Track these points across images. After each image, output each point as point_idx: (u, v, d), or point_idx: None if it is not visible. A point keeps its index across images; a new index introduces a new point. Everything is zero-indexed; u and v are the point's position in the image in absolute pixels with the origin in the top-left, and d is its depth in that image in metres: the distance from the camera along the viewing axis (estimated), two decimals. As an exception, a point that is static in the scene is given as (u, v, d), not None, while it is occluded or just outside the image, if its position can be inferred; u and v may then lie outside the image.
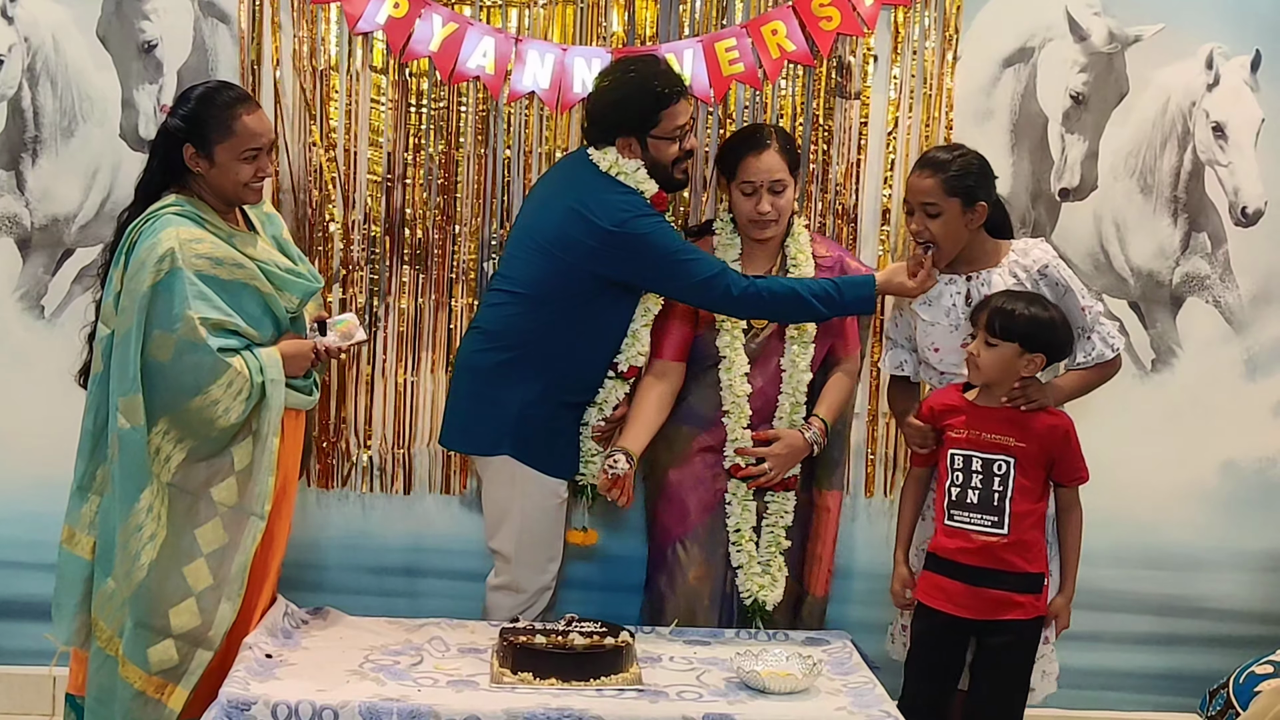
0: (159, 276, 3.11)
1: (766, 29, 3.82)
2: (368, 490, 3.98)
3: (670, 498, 3.63)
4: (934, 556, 3.35)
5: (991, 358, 3.26)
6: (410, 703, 2.93)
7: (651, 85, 3.45)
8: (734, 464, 3.56)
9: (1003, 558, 3.25)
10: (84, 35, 3.83)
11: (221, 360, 3.13)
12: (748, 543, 3.58)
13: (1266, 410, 4.11)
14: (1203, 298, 4.08)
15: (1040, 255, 3.43)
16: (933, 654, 3.36)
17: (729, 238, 3.62)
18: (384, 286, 3.90)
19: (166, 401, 3.15)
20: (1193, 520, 4.11)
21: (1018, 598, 3.26)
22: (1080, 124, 3.98)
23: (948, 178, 3.36)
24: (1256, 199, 4.02)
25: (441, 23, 3.78)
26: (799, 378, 3.57)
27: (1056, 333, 3.28)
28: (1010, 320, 3.24)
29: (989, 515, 3.26)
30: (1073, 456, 3.31)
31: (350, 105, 3.84)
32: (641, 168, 3.48)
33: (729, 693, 3.08)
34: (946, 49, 3.89)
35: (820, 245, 3.67)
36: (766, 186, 3.51)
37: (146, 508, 3.15)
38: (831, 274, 3.58)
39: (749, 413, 3.56)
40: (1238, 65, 3.97)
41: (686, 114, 3.50)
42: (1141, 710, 3.97)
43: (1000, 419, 3.29)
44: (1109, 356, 3.44)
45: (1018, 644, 3.30)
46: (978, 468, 3.28)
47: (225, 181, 3.25)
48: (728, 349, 3.56)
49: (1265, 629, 4.03)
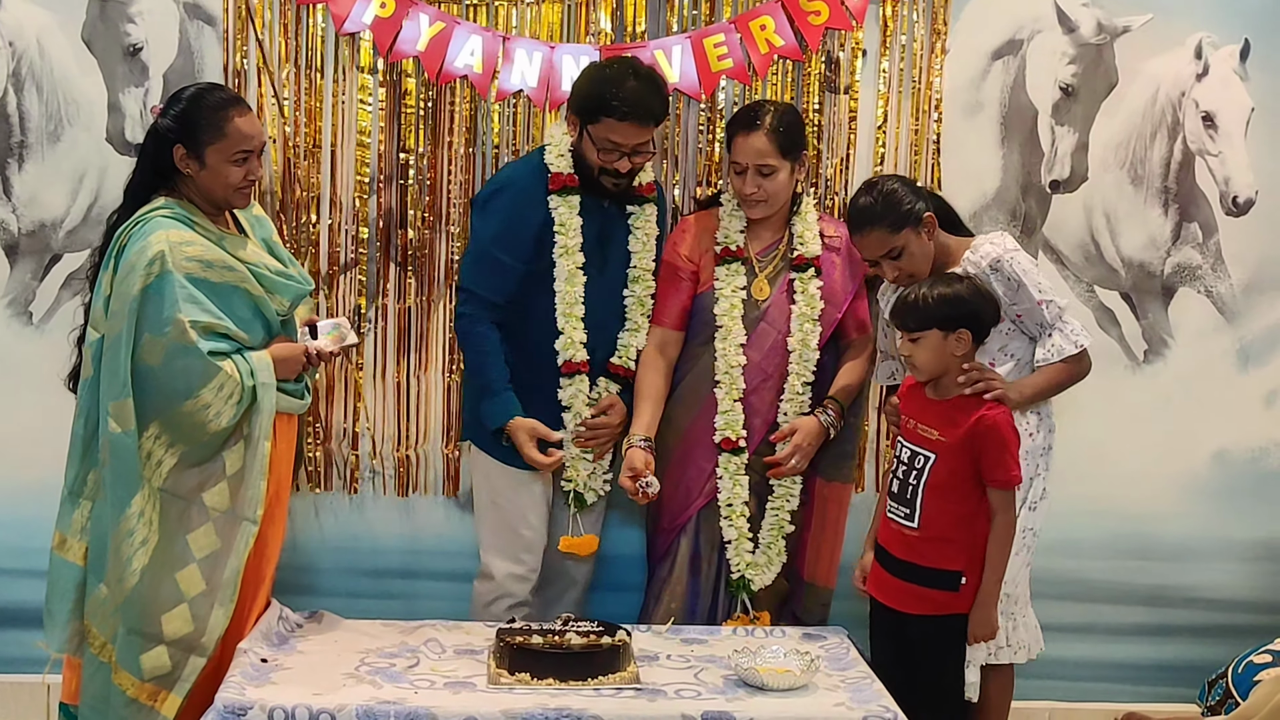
0: (149, 280, 3.10)
1: (755, 24, 3.81)
2: (361, 492, 3.97)
3: (674, 476, 3.61)
4: (877, 543, 3.39)
5: (921, 352, 3.21)
6: (407, 705, 2.92)
7: (607, 88, 3.43)
8: (724, 437, 3.54)
9: (917, 551, 3.24)
10: (69, 39, 3.80)
11: (212, 364, 3.12)
12: (739, 518, 3.57)
13: (1258, 400, 4.12)
14: (1194, 288, 4.08)
15: (990, 249, 3.35)
16: (878, 643, 3.39)
17: (733, 210, 3.61)
18: (372, 288, 3.88)
19: (157, 405, 3.13)
20: (1185, 511, 4.11)
21: (928, 592, 3.24)
22: (1070, 116, 3.98)
23: (888, 224, 3.30)
24: (1247, 188, 4.02)
25: (428, 22, 3.76)
26: (808, 357, 3.56)
27: (969, 304, 3.19)
28: (917, 309, 3.19)
29: (903, 507, 3.26)
30: (997, 455, 3.16)
31: (337, 106, 3.82)
32: (567, 145, 3.52)
33: (727, 690, 3.08)
34: (935, 42, 3.88)
35: (829, 225, 3.66)
36: (754, 168, 3.49)
37: (138, 513, 3.13)
38: (839, 254, 3.59)
39: (742, 386, 3.55)
40: (1227, 54, 3.97)
41: (629, 137, 3.44)
42: (1135, 701, 3.97)
43: (934, 412, 3.25)
44: (1069, 352, 3.34)
45: (932, 639, 3.26)
46: (905, 458, 3.28)
47: (215, 184, 3.23)
48: (725, 317, 3.55)
49: (1257, 618, 4.04)
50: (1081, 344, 3.36)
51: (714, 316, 3.56)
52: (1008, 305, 3.34)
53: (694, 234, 3.65)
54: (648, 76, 3.49)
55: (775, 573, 3.60)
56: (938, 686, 3.29)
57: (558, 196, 3.54)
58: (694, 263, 3.62)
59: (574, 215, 3.55)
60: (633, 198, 3.62)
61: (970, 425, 3.17)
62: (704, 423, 3.58)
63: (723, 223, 3.60)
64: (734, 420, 3.55)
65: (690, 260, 3.62)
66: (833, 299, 3.60)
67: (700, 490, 3.59)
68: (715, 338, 3.56)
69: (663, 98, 3.51)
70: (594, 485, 3.67)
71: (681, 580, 3.62)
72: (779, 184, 3.53)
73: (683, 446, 3.61)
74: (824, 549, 3.66)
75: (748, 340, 3.56)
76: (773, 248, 3.61)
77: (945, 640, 3.27)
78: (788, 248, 3.61)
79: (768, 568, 3.60)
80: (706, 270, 3.60)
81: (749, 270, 3.59)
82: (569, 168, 3.54)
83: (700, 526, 3.61)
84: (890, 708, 3.01)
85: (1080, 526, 3.89)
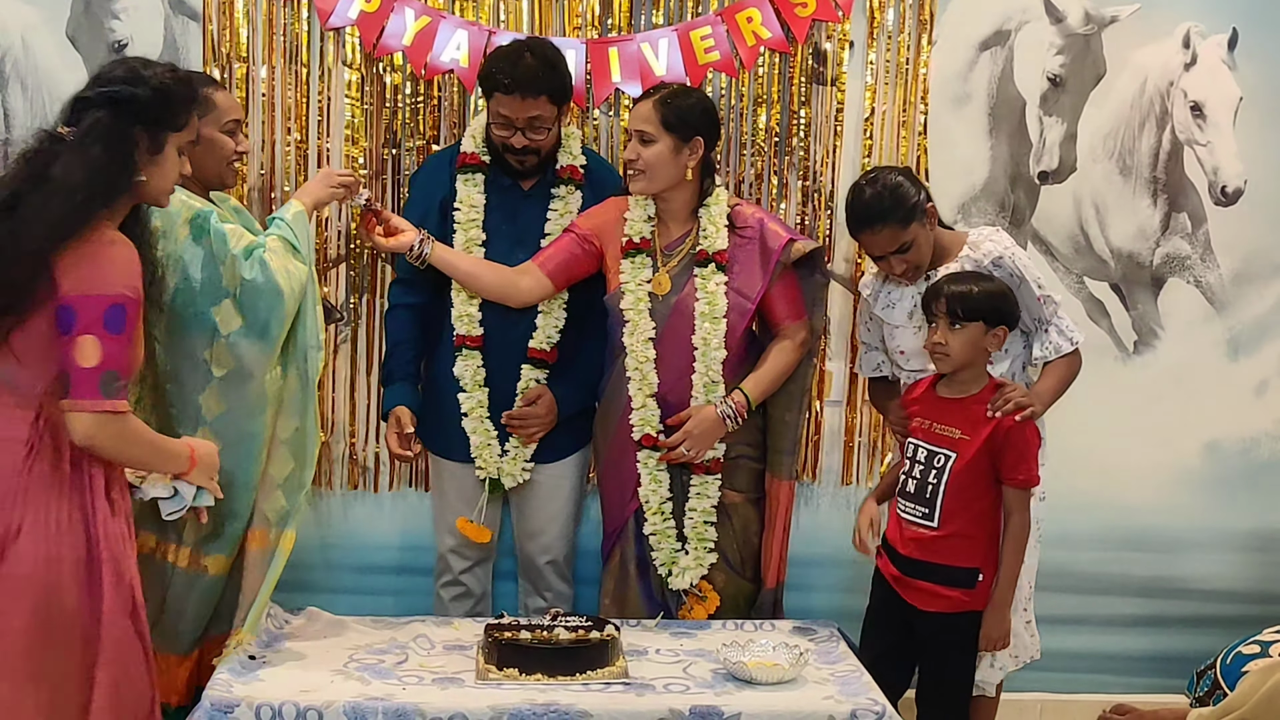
0: (191, 222, 3.11)
1: (741, 16, 3.80)
2: (350, 489, 3.96)
3: (610, 478, 3.61)
4: (885, 539, 3.38)
5: (960, 341, 3.21)
6: (395, 701, 2.91)
7: (497, 64, 3.44)
8: (644, 434, 3.50)
9: (934, 550, 3.23)
10: (53, 36, 3.79)
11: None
12: (655, 514, 3.51)
13: (1249, 390, 4.12)
14: (1184, 278, 4.08)
15: (992, 247, 3.37)
16: (882, 631, 3.38)
17: (640, 199, 3.52)
18: (362, 283, 3.88)
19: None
20: (1176, 501, 4.12)
21: (944, 590, 3.23)
22: (1058, 106, 3.97)
23: (896, 221, 3.29)
24: (1236, 178, 4.02)
25: (414, 16, 3.75)
26: (712, 355, 3.45)
27: (1009, 300, 3.25)
28: (970, 300, 3.19)
29: (921, 507, 3.25)
30: (1016, 453, 3.18)
31: (324, 102, 3.81)
32: (480, 124, 3.58)
33: (716, 684, 3.07)
34: (922, 33, 3.87)
35: (746, 210, 3.53)
36: (635, 134, 3.44)
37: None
38: (752, 244, 3.48)
39: (654, 381, 3.49)
40: (1215, 44, 3.97)
41: (517, 110, 3.42)
42: (1128, 692, 3.97)
43: (954, 411, 3.25)
44: (1066, 350, 3.37)
45: (946, 636, 3.26)
46: (922, 458, 3.26)
47: (209, 157, 3.25)
48: (630, 310, 3.49)
49: (1249, 609, 4.05)
50: (1077, 340, 3.38)
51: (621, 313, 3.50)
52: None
53: (609, 214, 3.56)
54: (542, 53, 3.46)
55: (699, 572, 3.52)
56: (943, 683, 3.30)
57: (461, 174, 3.58)
58: (597, 239, 3.53)
59: (474, 193, 3.57)
60: (558, 180, 3.61)
61: (995, 424, 3.18)
62: (630, 424, 3.53)
63: (630, 211, 3.53)
64: (649, 416, 3.49)
65: (594, 233, 3.53)
66: (745, 290, 3.47)
67: (633, 491, 3.54)
68: (624, 333, 3.50)
69: (558, 73, 3.47)
70: (512, 471, 3.63)
71: (633, 584, 3.58)
72: (656, 156, 3.41)
73: (614, 449, 3.57)
74: (772, 547, 3.56)
75: (659, 335, 3.49)
76: (680, 241, 3.52)
77: (956, 637, 3.26)
78: (694, 241, 3.51)
79: (695, 566, 3.52)
80: (614, 262, 3.53)
81: (654, 264, 3.53)
82: (475, 147, 3.58)
83: (640, 527, 3.56)
84: (879, 701, 3.00)
85: (1071, 518, 3.88)
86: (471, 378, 3.59)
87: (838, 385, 3.96)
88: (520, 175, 3.57)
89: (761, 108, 3.87)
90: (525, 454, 3.63)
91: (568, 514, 3.75)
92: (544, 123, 3.48)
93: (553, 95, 3.46)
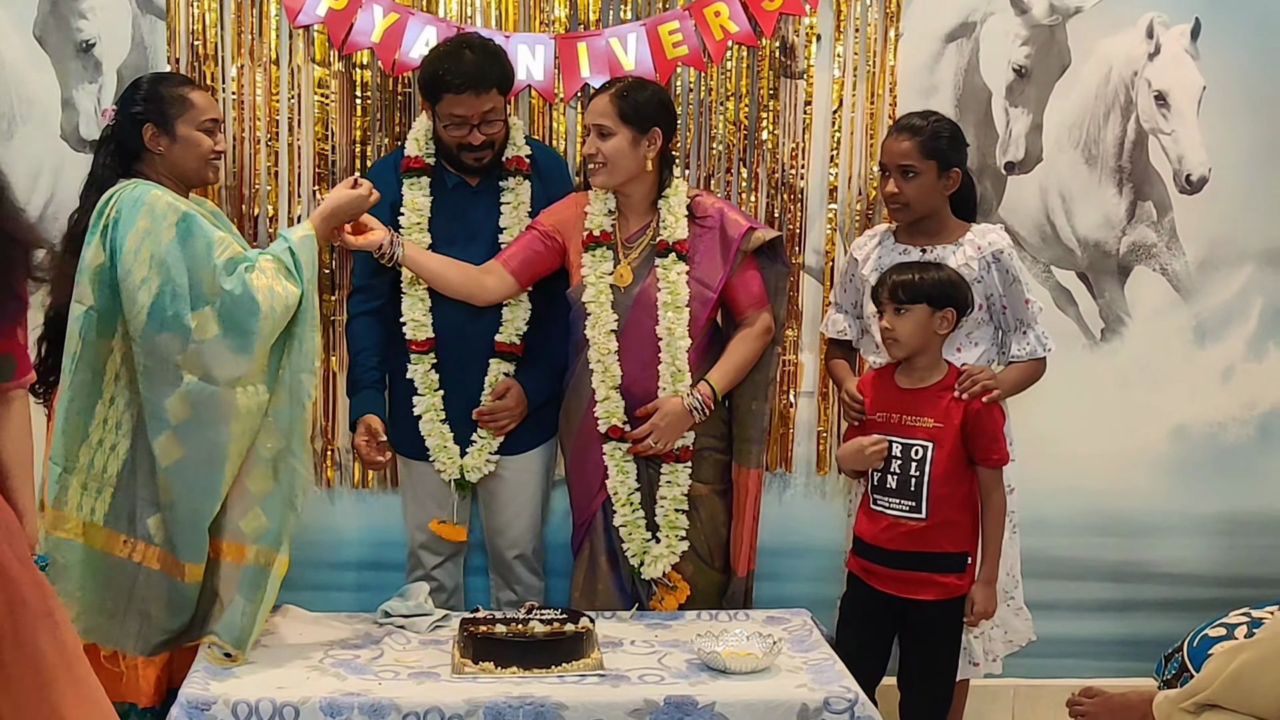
0: (176, 223, 3.12)
1: (709, 10, 3.82)
2: (328, 485, 3.97)
3: (577, 472, 3.63)
4: (859, 539, 3.39)
5: (907, 325, 3.26)
6: (371, 696, 2.93)
7: (440, 65, 3.44)
8: (610, 426, 3.52)
9: (925, 540, 3.27)
10: (20, 36, 3.77)
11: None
12: (623, 505, 3.53)
13: (1215, 376, 4.16)
14: (1150, 266, 4.11)
15: (997, 240, 3.46)
16: (859, 626, 3.40)
17: (600, 193, 3.55)
18: (335, 280, 3.87)
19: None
20: (1145, 486, 4.15)
21: (938, 578, 3.28)
22: (1023, 97, 4.00)
23: (924, 140, 3.41)
24: (1200, 166, 4.06)
25: (382, 13, 3.75)
26: (677, 344, 3.47)
27: (958, 287, 3.30)
28: (912, 285, 3.26)
29: (907, 500, 3.28)
30: (988, 435, 3.26)
31: (293, 100, 3.81)
32: (425, 131, 3.58)
33: (690, 674, 3.09)
34: (889, 26, 3.89)
35: (706, 200, 3.56)
36: (594, 129, 3.46)
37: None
38: (712, 234, 3.51)
39: (618, 373, 3.51)
40: (1178, 34, 4.00)
41: (471, 107, 3.44)
42: (1098, 676, 4.00)
43: (921, 401, 3.29)
44: (1039, 355, 3.46)
45: (939, 621, 3.31)
46: (897, 453, 3.29)
47: (187, 156, 3.28)
48: (592, 304, 3.51)
49: (1218, 592, 4.08)
50: (1050, 350, 3.48)
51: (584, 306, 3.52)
52: (997, 296, 3.44)
53: (570, 209, 3.58)
54: (481, 47, 3.47)
55: (670, 561, 3.54)
56: (937, 666, 3.34)
57: (406, 179, 3.59)
58: (559, 235, 3.55)
59: (419, 196, 3.58)
60: (505, 173, 3.62)
61: (965, 409, 3.25)
62: (595, 416, 3.55)
63: (590, 206, 3.55)
64: (614, 408, 3.51)
65: (555, 229, 3.55)
66: (706, 279, 3.50)
67: (600, 484, 3.56)
68: (586, 326, 3.52)
69: (501, 64, 3.49)
70: (477, 464, 3.64)
71: (603, 576, 3.60)
72: (615, 149, 3.43)
73: (579, 442, 3.59)
74: (742, 535, 3.58)
75: (621, 327, 3.51)
76: (640, 233, 3.54)
77: (951, 621, 3.32)
78: (655, 233, 3.54)
79: (666, 555, 3.54)
80: (576, 256, 3.55)
81: (615, 257, 3.54)
82: (420, 151, 3.59)
83: (608, 519, 3.58)
84: (851, 688, 3.03)
85: (1042, 505, 3.91)
86: (423, 382, 3.61)
87: (809, 377, 3.98)
88: (473, 172, 3.58)
89: (730, 101, 3.89)
90: (491, 445, 3.64)
91: (534, 508, 3.76)
92: (497, 115, 3.51)
93: (500, 86, 3.49)
